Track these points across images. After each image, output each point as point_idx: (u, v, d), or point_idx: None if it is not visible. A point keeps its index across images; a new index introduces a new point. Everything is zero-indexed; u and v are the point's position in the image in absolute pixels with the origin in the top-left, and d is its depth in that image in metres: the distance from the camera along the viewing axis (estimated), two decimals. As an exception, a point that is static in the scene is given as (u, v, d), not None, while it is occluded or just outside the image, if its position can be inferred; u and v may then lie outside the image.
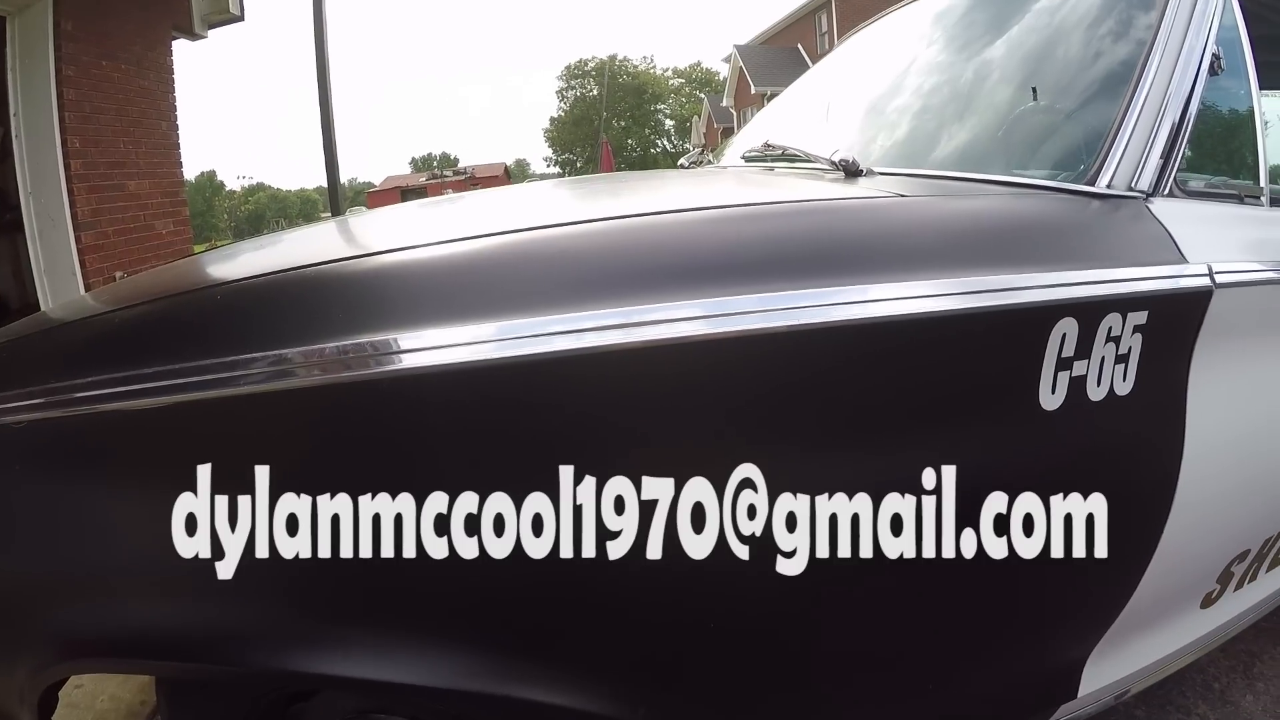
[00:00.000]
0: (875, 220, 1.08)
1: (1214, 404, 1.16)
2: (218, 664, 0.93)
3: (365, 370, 0.83)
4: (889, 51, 2.08)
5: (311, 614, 0.91)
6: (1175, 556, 1.17)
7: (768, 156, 1.84)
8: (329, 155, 7.03)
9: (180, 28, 6.30)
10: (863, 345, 0.92)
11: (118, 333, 0.99)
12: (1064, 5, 1.53)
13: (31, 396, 0.95)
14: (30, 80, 4.83)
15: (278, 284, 0.97)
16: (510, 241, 0.99)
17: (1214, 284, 1.13)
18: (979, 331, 0.97)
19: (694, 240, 0.99)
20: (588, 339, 0.84)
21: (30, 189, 4.86)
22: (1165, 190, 1.21)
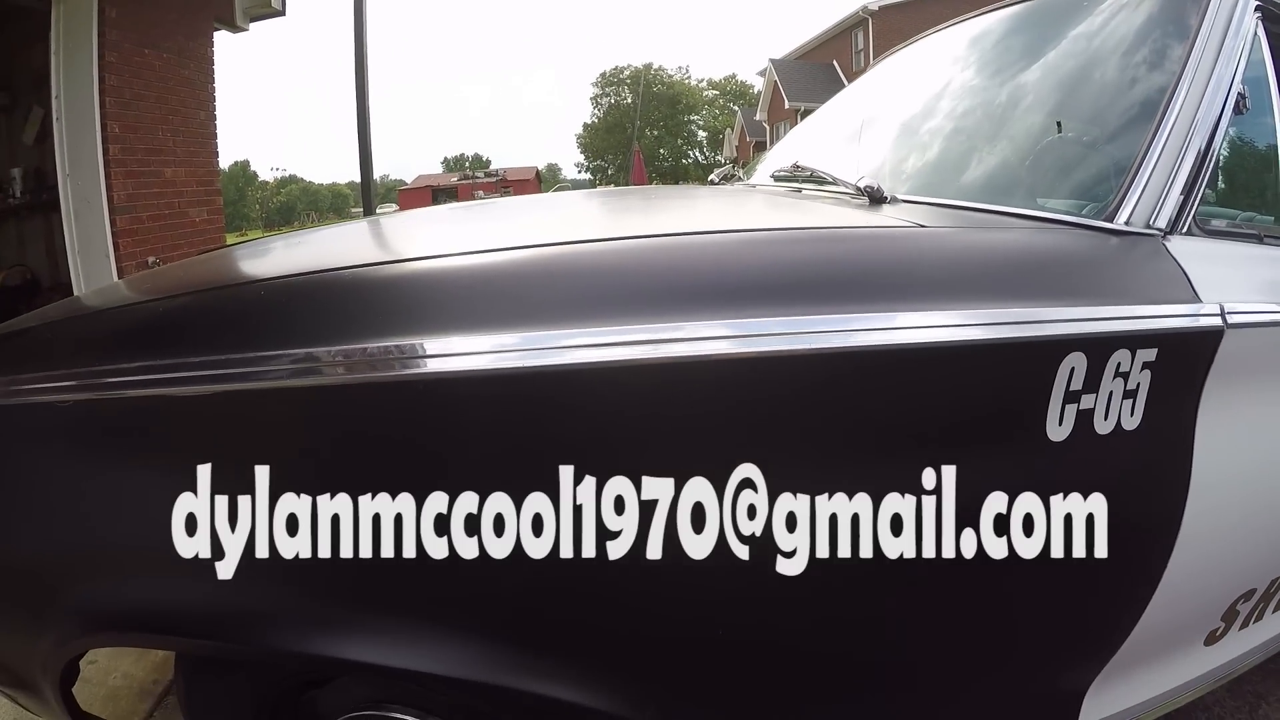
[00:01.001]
0: (895, 250, 1.10)
1: (1222, 442, 1.16)
2: (237, 643, 0.96)
3: (390, 372, 0.87)
4: (918, 78, 2.09)
5: (332, 599, 0.94)
6: (1180, 591, 1.17)
7: (796, 177, 1.86)
8: (364, 153, 7.09)
9: (222, 19, 6.37)
10: (874, 371, 0.94)
11: (159, 322, 1.03)
12: (1093, 38, 1.53)
13: (73, 378, 0.99)
14: (72, 64, 4.89)
15: (309, 285, 1.01)
16: (541, 255, 1.03)
17: (1226, 324, 1.13)
18: (989, 362, 0.99)
19: (718, 262, 1.02)
20: (610, 353, 0.87)
21: (69, 171, 4.90)
22: (1184, 228, 1.21)
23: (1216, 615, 1.33)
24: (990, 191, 1.47)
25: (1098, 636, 1.16)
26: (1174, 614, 1.21)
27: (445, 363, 0.87)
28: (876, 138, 1.94)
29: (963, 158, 1.63)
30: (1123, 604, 1.15)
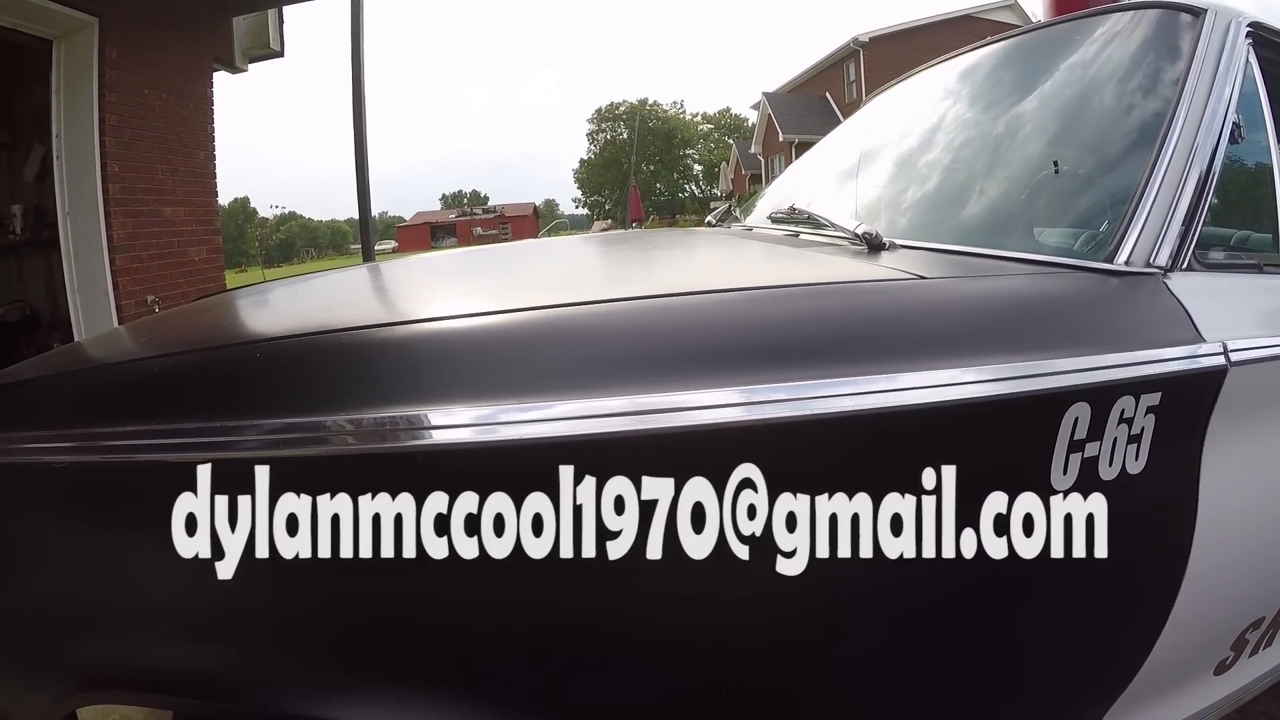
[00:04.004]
0: (894, 305, 1.09)
1: (1228, 478, 1.15)
2: (236, 704, 0.94)
3: (395, 443, 0.85)
4: (911, 115, 2.10)
5: (333, 662, 0.92)
6: (1188, 626, 1.16)
7: (793, 219, 1.85)
8: (362, 195, 7.12)
9: (221, 60, 6.45)
10: (876, 435, 0.93)
11: (155, 382, 1.01)
12: (1086, 69, 1.55)
13: (67, 439, 0.97)
14: (73, 103, 4.94)
15: (306, 347, 1.00)
16: (538, 319, 1.00)
17: (1229, 363, 1.13)
18: (993, 418, 0.97)
19: (716, 324, 1.00)
20: (609, 424, 0.85)
21: (69, 209, 4.94)
22: (1184, 264, 1.20)
23: (1226, 645, 1.33)
24: (987, 233, 1.46)
25: (1107, 674, 1.15)
26: (1183, 647, 1.20)
27: (446, 435, 0.85)
28: (871, 178, 1.94)
29: (957, 198, 1.62)
30: (1131, 641, 1.15)
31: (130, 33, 5.15)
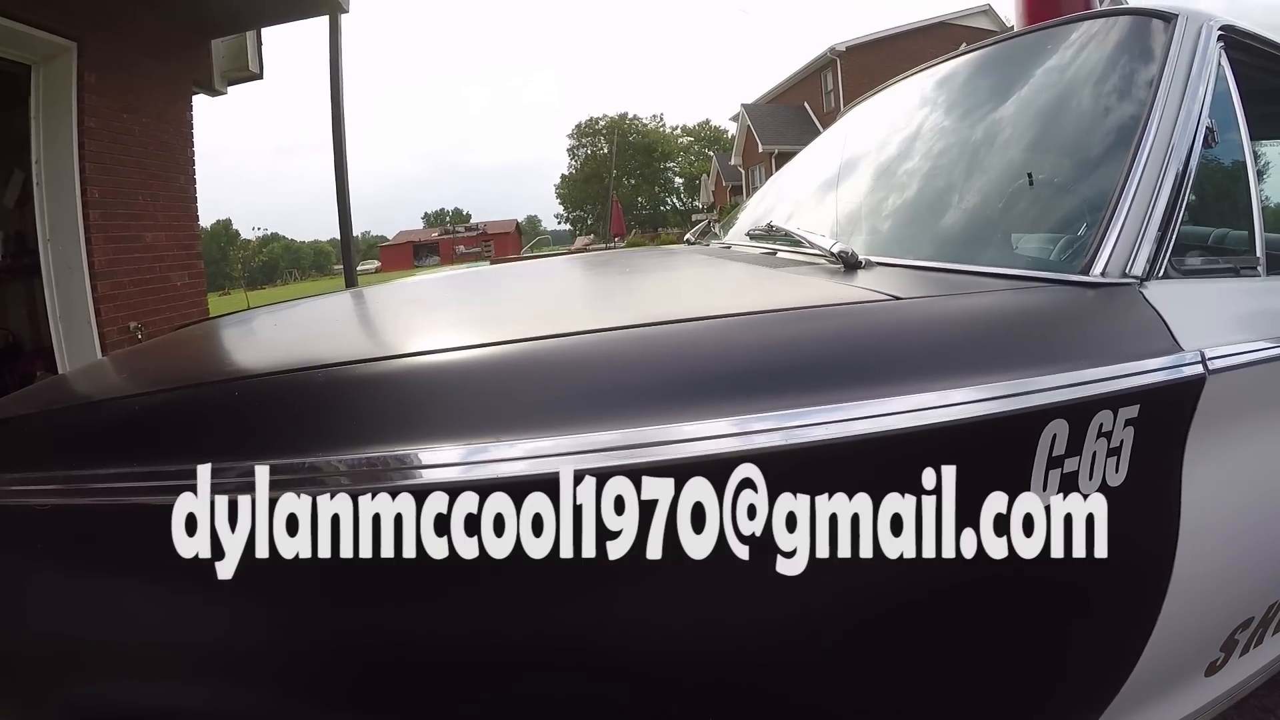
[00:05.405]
0: (870, 327, 1.08)
1: (1210, 484, 1.16)
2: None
3: (385, 483, 0.84)
4: (886, 127, 2.11)
5: (326, 711, 0.90)
6: (1177, 631, 1.17)
7: (772, 236, 1.86)
8: (343, 216, 7.06)
9: (200, 83, 6.44)
10: (856, 461, 0.92)
11: (138, 423, 1.00)
12: (1061, 74, 1.56)
13: (50, 481, 0.96)
14: (52, 129, 4.93)
15: (290, 384, 0.99)
16: (520, 351, 0.99)
17: (1206, 371, 1.13)
18: (971, 438, 0.96)
19: (698, 352, 0.99)
20: (598, 459, 0.85)
21: (49, 236, 4.93)
22: (1160, 272, 1.20)
23: (1216, 646, 1.33)
24: (962, 247, 1.45)
25: (1096, 682, 1.16)
26: (1174, 651, 1.21)
27: (433, 474, 0.84)
28: (848, 191, 1.94)
29: (933, 210, 1.62)
30: (1119, 648, 1.15)
31: (109, 57, 5.15)
